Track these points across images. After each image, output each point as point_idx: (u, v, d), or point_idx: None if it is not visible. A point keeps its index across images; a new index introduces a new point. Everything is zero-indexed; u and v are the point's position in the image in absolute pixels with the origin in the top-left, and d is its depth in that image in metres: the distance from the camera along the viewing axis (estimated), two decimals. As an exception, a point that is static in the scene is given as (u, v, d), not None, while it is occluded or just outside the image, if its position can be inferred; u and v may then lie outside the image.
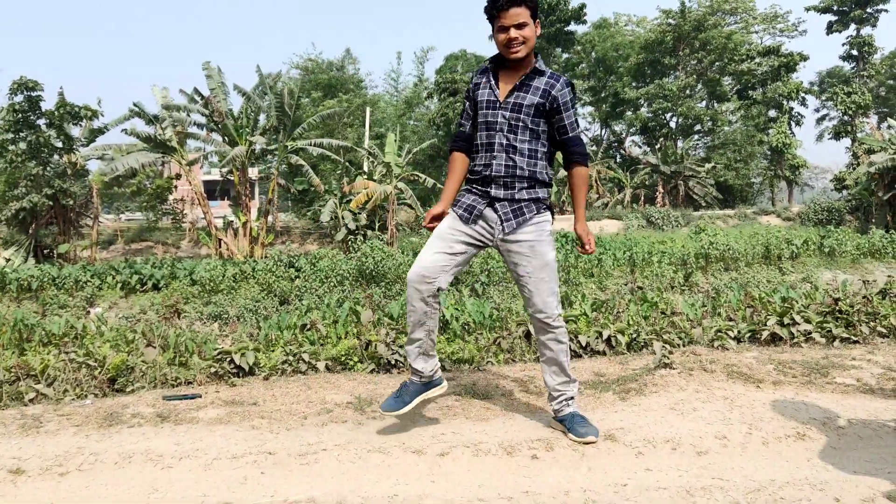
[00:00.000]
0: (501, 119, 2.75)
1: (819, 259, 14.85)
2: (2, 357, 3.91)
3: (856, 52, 42.95)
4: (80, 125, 24.08)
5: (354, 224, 23.73)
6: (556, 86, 2.73)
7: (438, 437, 2.82)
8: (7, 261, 21.75)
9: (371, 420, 3.07)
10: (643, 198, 38.51)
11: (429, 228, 2.85)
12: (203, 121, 22.25)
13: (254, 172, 29.26)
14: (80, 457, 2.68)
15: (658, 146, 41.82)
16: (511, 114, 2.74)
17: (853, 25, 42.16)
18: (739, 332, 4.42)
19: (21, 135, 22.82)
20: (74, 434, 2.95)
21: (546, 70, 2.77)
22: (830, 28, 42.87)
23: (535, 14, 2.71)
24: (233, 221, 24.27)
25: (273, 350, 4.08)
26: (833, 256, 15.03)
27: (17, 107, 22.51)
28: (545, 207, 2.83)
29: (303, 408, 3.26)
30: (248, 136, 22.05)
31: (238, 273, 13.43)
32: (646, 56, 42.68)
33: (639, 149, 45.83)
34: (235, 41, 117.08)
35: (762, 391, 3.35)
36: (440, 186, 22.58)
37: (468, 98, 2.90)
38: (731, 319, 4.75)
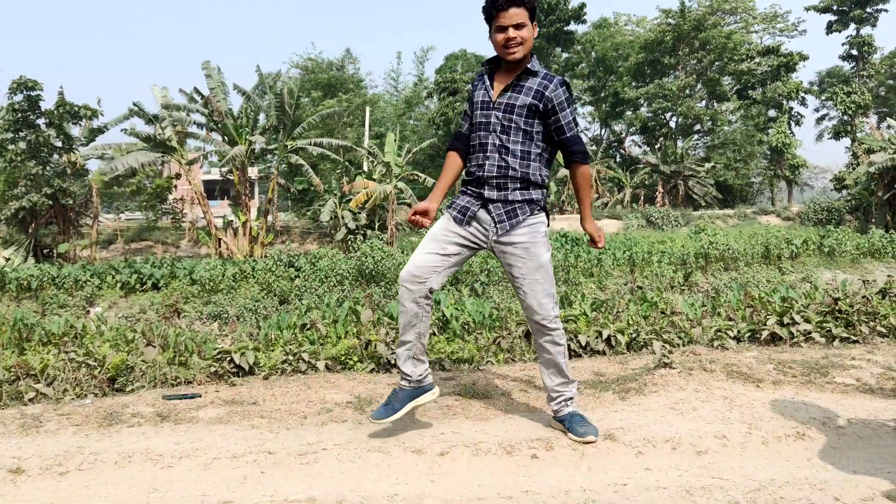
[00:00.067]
0: (494, 120, 2.74)
1: (819, 259, 14.84)
2: (2, 356, 3.91)
3: (855, 52, 43.01)
4: (80, 125, 24.08)
5: (354, 224, 23.72)
6: (550, 86, 2.69)
7: (438, 437, 2.82)
8: (7, 260, 21.74)
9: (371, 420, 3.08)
10: (643, 197, 38.53)
11: (411, 221, 2.77)
12: (203, 120, 22.25)
13: (253, 172, 29.24)
14: (80, 456, 2.68)
15: (658, 146, 41.84)
16: (504, 114, 2.72)
17: (853, 25, 42.23)
18: (739, 332, 4.42)
19: (21, 134, 22.84)
20: (74, 433, 2.95)
21: (540, 70, 2.74)
22: (830, 28, 42.94)
23: (534, 15, 2.70)
24: (232, 221, 24.27)
25: (273, 350, 4.08)
26: (833, 256, 15.03)
27: (17, 106, 22.52)
28: (539, 209, 2.81)
29: (303, 407, 3.26)
30: (248, 136, 22.04)
31: (238, 272, 13.43)
32: (645, 56, 42.72)
33: (638, 148, 45.92)
34: (235, 41, 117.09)
35: (762, 391, 3.35)
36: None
37: (468, 99, 2.90)
38: (731, 319, 4.75)
